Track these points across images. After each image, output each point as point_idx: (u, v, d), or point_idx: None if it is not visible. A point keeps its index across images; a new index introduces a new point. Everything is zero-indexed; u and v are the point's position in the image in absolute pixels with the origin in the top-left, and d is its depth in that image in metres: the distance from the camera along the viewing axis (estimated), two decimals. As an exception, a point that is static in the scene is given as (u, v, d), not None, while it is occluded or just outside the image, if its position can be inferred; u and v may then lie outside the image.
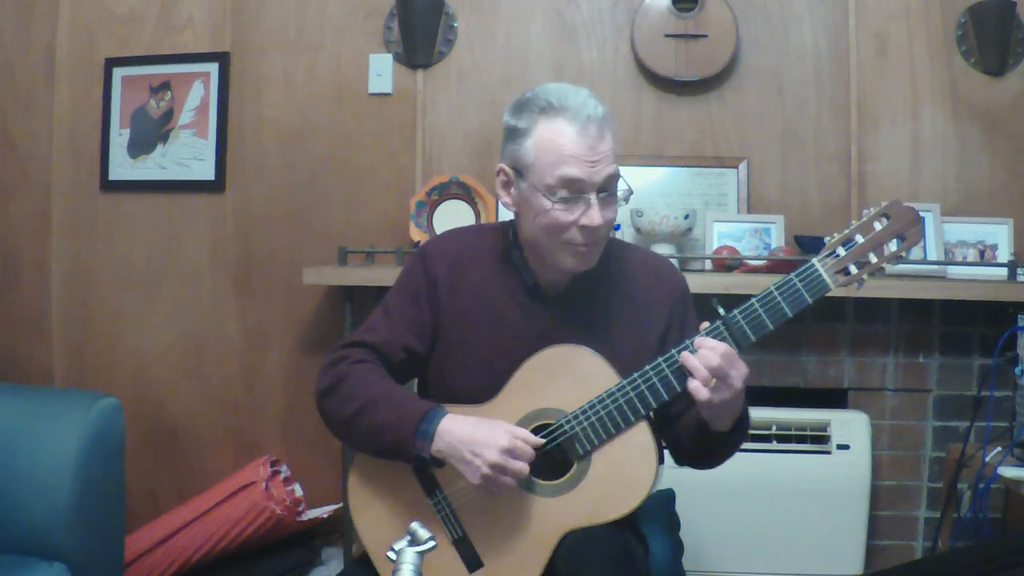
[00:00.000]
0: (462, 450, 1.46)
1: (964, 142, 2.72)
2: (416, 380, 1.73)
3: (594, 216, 1.47)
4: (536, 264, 1.60)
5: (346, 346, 1.63)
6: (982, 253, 2.62)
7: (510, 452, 1.45)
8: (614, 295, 1.61)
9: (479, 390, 1.56)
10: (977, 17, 2.69)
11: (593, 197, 1.47)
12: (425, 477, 1.56)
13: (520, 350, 1.54)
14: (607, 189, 1.49)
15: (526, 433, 1.49)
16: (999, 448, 2.17)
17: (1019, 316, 2.18)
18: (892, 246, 1.45)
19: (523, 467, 1.46)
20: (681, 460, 1.64)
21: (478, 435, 1.45)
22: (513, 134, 1.52)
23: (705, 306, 1.55)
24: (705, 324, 1.47)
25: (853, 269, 1.45)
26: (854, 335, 2.56)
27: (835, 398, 2.60)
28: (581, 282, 1.60)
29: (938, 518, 2.47)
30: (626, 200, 1.53)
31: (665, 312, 1.61)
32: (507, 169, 1.55)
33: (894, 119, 2.74)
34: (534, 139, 1.49)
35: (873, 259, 1.45)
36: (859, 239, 1.45)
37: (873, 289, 2.40)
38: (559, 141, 1.47)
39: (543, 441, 1.49)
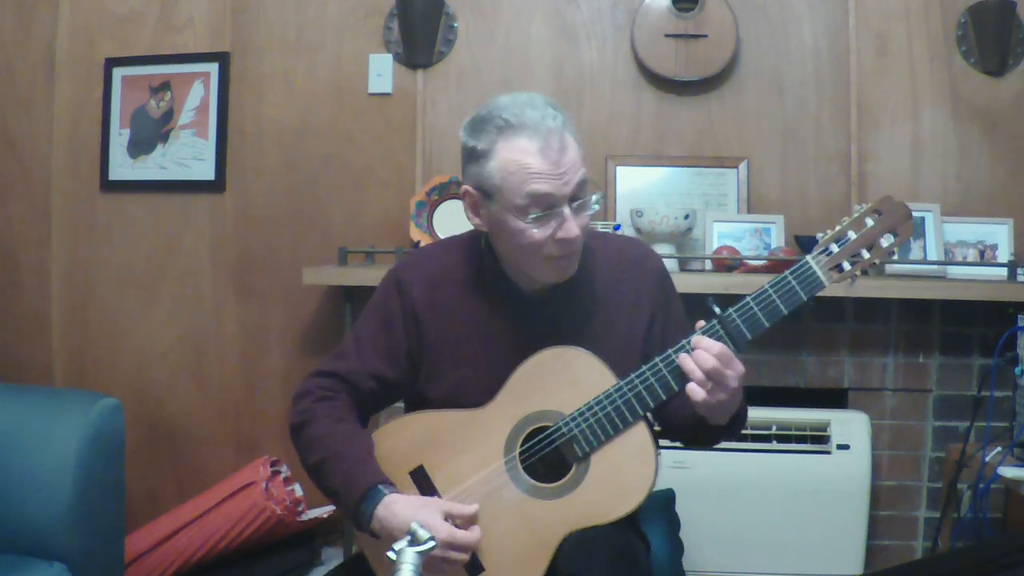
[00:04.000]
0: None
1: (964, 142, 2.72)
2: (403, 403, 1.71)
3: (570, 228, 1.45)
4: (514, 271, 1.57)
5: (315, 375, 1.62)
6: (982, 253, 2.62)
7: (448, 545, 1.43)
8: (596, 290, 1.60)
9: (473, 404, 1.54)
10: (977, 17, 2.68)
11: (566, 209, 1.44)
12: (422, 481, 1.55)
13: (511, 358, 1.53)
14: (578, 197, 1.46)
15: (462, 509, 1.47)
16: (999, 448, 2.17)
17: (1019, 316, 2.18)
18: (885, 242, 1.44)
19: (461, 557, 1.44)
20: (672, 439, 1.64)
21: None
22: (473, 155, 1.47)
23: (702, 305, 1.55)
24: (701, 323, 1.46)
25: (847, 266, 1.45)
26: (854, 335, 2.56)
27: (835, 398, 2.59)
28: (562, 282, 1.59)
29: (938, 518, 2.46)
30: (597, 203, 1.50)
31: (648, 299, 1.60)
32: (472, 191, 1.50)
33: (894, 119, 2.74)
34: (497, 161, 1.44)
35: (866, 255, 1.45)
36: (852, 235, 1.45)
37: (873, 289, 2.40)
38: (523, 160, 1.42)
39: (477, 536, 1.47)
